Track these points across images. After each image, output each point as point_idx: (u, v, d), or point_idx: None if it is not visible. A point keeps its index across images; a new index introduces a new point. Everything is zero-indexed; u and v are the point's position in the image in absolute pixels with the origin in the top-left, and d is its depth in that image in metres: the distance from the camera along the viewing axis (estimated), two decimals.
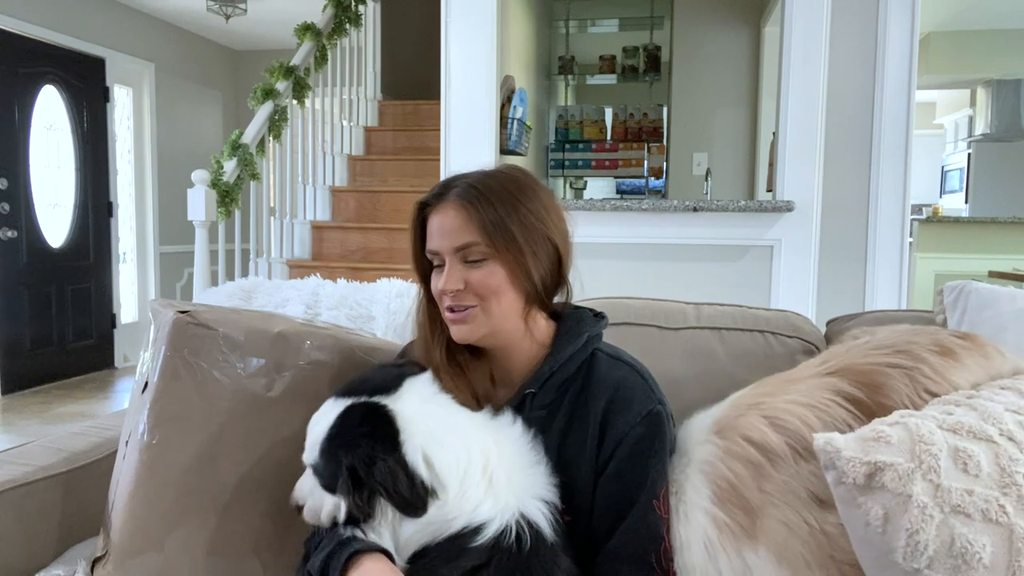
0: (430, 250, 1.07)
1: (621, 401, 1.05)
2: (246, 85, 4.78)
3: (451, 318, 1.06)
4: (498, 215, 1.03)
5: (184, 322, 1.17)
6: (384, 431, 0.94)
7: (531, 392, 1.07)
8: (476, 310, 1.04)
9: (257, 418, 1.18)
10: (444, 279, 1.04)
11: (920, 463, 0.87)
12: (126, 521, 1.15)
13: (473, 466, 0.95)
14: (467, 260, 1.04)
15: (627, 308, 1.54)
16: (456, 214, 1.04)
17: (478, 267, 1.04)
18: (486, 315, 1.05)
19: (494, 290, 1.04)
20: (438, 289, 1.06)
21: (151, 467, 1.14)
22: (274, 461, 1.19)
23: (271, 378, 1.20)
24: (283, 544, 1.19)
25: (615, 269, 2.81)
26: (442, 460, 0.94)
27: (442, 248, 1.05)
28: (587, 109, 5.39)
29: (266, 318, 1.28)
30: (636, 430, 1.03)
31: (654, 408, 1.05)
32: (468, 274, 1.03)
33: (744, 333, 1.49)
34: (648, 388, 1.08)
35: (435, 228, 1.06)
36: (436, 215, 1.07)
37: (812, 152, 2.72)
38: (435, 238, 1.06)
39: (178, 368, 1.16)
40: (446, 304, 1.06)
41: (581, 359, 1.09)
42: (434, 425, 0.97)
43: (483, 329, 1.05)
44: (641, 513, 1.01)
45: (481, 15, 2.85)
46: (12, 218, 4.90)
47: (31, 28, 4.98)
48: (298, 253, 4.32)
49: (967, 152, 6.51)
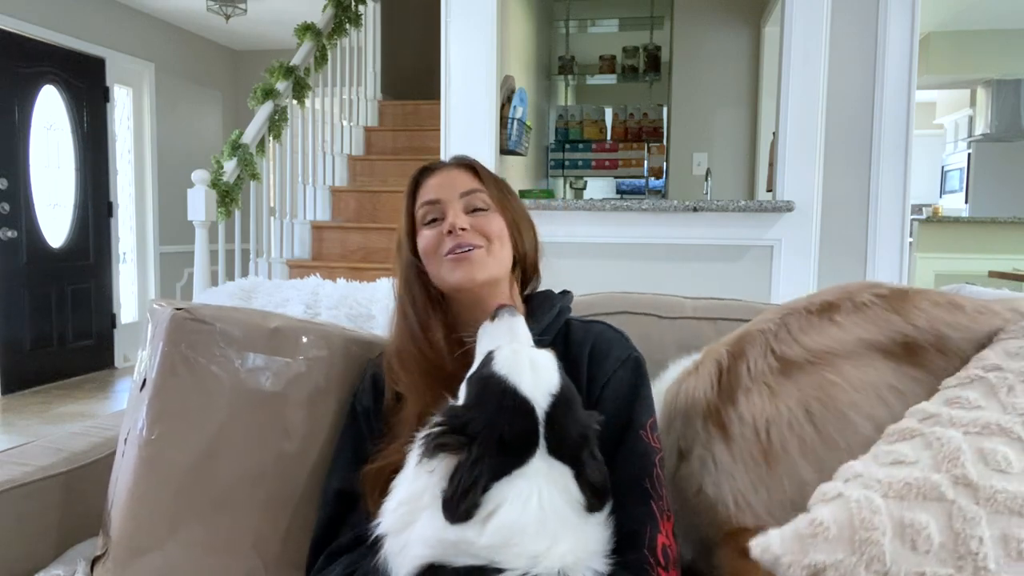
0: (428, 200, 1.11)
1: (601, 351, 1.10)
2: (246, 85, 4.77)
3: (457, 257, 1.07)
4: (497, 181, 1.16)
5: (182, 318, 1.17)
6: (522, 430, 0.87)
7: None
8: (482, 251, 1.08)
9: (256, 413, 1.19)
10: (454, 215, 1.08)
11: (862, 554, 0.80)
12: (126, 518, 1.15)
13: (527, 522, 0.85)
14: (470, 208, 1.10)
15: (625, 299, 1.55)
16: (461, 171, 1.14)
17: (482, 215, 1.10)
18: (491, 257, 1.09)
19: (497, 233, 1.10)
20: (440, 241, 1.08)
21: (150, 463, 1.15)
22: (274, 456, 1.19)
23: (269, 373, 1.20)
24: (284, 539, 1.19)
25: (615, 269, 2.81)
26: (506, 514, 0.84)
27: (446, 195, 1.10)
28: (587, 109, 5.39)
29: (263, 315, 1.28)
30: (618, 373, 1.08)
31: (633, 354, 1.11)
32: (473, 220, 1.09)
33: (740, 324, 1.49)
34: (624, 339, 1.13)
35: (436, 183, 1.13)
36: (438, 175, 1.14)
37: (812, 152, 2.72)
38: (436, 190, 1.12)
39: (176, 364, 1.16)
40: (450, 245, 1.07)
41: (556, 328, 1.14)
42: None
43: (488, 271, 1.08)
44: (631, 443, 1.02)
45: (481, 15, 2.85)
46: (12, 218, 4.90)
47: (31, 28, 4.99)
48: (298, 253, 4.32)
49: (967, 152, 6.51)
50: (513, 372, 0.89)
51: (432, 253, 1.10)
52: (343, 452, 1.17)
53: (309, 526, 1.18)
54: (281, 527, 1.19)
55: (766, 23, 4.42)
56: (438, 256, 1.09)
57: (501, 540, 0.81)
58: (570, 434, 0.87)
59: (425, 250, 1.10)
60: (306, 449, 1.21)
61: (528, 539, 0.82)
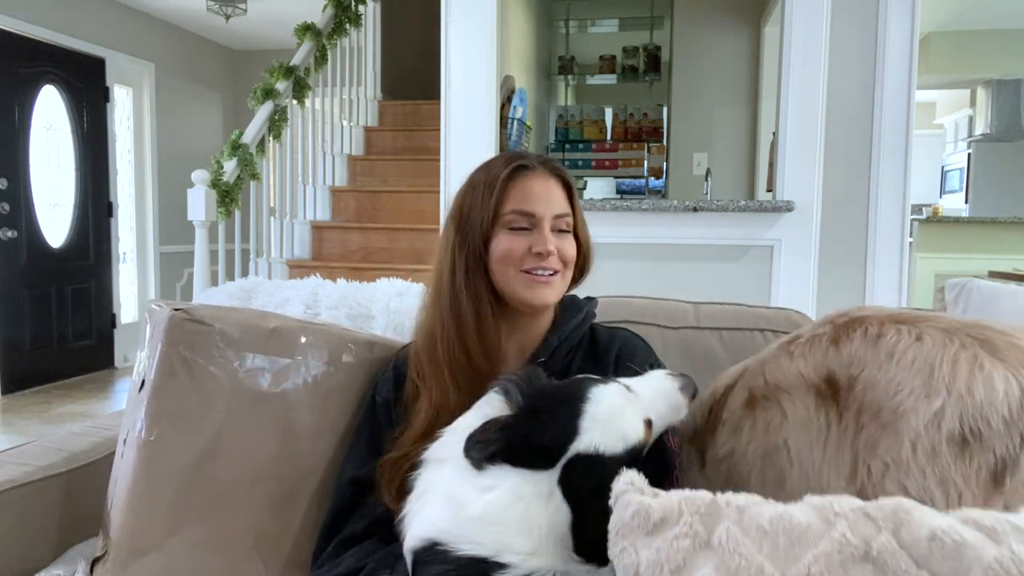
0: (523, 211, 1.09)
1: (628, 354, 1.15)
2: (246, 85, 4.77)
3: (539, 280, 1.09)
4: (577, 197, 1.16)
5: (180, 318, 1.17)
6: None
7: (543, 360, 1.12)
8: (557, 276, 1.11)
9: (255, 413, 1.19)
10: (544, 240, 1.08)
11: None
12: (125, 519, 1.15)
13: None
14: (557, 229, 1.11)
15: (627, 306, 1.54)
16: (557, 185, 1.12)
17: (563, 237, 1.12)
18: (563, 281, 1.13)
19: (571, 261, 1.13)
20: (524, 254, 1.08)
21: (149, 464, 1.15)
22: (273, 456, 1.19)
23: (268, 373, 1.20)
24: (284, 539, 1.19)
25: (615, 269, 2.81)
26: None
27: (543, 212, 1.09)
28: (587, 109, 5.39)
29: (261, 315, 1.28)
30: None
31: (655, 360, 1.15)
32: (557, 242, 1.10)
33: (744, 333, 1.49)
34: (648, 347, 1.19)
35: (535, 191, 1.10)
36: (535, 179, 1.11)
37: (812, 152, 2.72)
38: (535, 201, 1.09)
39: (175, 364, 1.16)
40: (532, 265, 1.08)
41: (583, 331, 1.18)
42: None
43: (557, 294, 1.13)
44: (656, 446, 1.01)
45: (481, 15, 2.85)
46: (12, 218, 4.90)
47: (31, 28, 4.98)
48: (298, 253, 4.32)
49: (967, 152, 6.51)
50: (595, 402, 0.89)
51: (511, 262, 1.09)
52: (359, 441, 1.17)
53: (310, 526, 1.18)
54: (281, 527, 1.19)
55: (766, 23, 4.42)
56: (515, 266, 1.09)
57: (489, 519, 0.84)
58: (587, 483, 0.85)
59: (504, 256, 1.09)
60: (306, 449, 1.21)
61: (511, 534, 0.83)
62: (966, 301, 1.42)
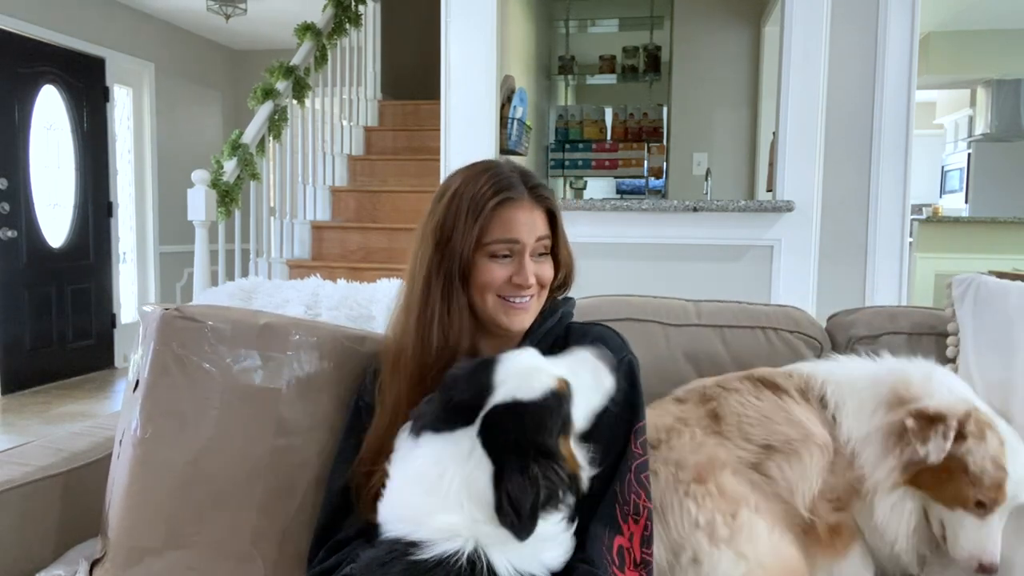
0: (508, 239, 1.09)
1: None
2: (246, 85, 4.77)
3: (517, 306, 1.11)
4: (558, 217, 1.15)
5: (172, 316, 1.19)
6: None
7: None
8: (534, 299, 1.13)
9: (249, 409, 1.19)
10: (526, 272, 1.09)
11: None
12: (123, 518, 1.15)
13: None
14: (536, 254, 1.12)
15: (628, 305, 1.54)
16: (540, 214, 1.12)
17: (541, 260, 1.13)
18: (538, 301, 1.14)
19: (548, 282, 1.14)
20: (505, 282, 1.09)
21: (145, 461, 1.15)
22: (268, 451, 1.19)
23: (261, 369, 1.20)
24: (282, 535, 1.19)
25: (615, 269, 2.80)
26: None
27: (526, 239, 1.10)
28: (587, 109, 5.39)
29: (252, 312, 1.30)
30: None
31: (627, 357, 1.13)
32: (536, 267, 1.12)
33: (745, 330, 1.49)
34: (621, 341, 1.16)
35: (519, 220, 1.09)
36: (521, 210, 1.10)
37: (812, 152, 2.72)
38: (519, 229, 1.09)
39: (168, 362, 1.17)
40: (511, 293, 1.10)
41: (557, 333, 1.18)
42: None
43: (533, 317, 1.14)
44: (620, 451, 1.06)
45: (481, 15, 2.85)
46: (12, 218, 4.90)
47: (31, 28, 4.98)
48: (298, 253, 4.32)
49: (967, 152, 6.51)
50: (508, 360, 0.95)
51: (490, 289, 1.10)
52: (346, 448, 1.17)
53: (307, 521, 1.18)
54: (279, 523, 1.19)
55: (766, 23, 4.42)
56: (494, 293, 1.10)
57: (409, 480, 0.91)
58: (506, 436, 0.89)
59: (485, 283, 1.09)
60: (301, 443, 1.21)
61: (422, 492, 0.88)
62: (973, 297, 1.41)
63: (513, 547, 0.86)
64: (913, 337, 1.47)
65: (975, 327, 1.38)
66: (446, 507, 0.86)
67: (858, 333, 1.51)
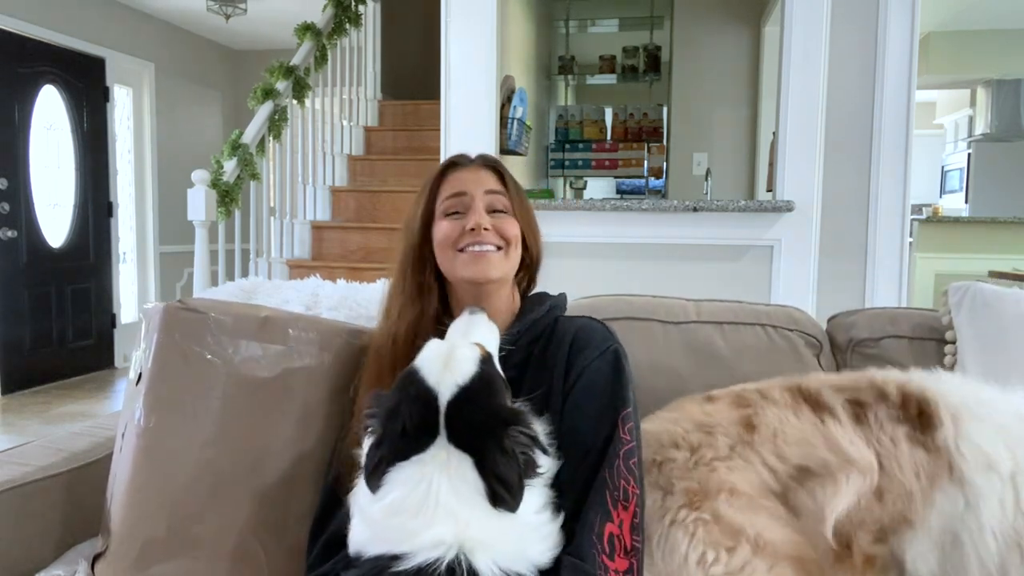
0: (453, 193, 1.14)
1: (582, 340, 1.13)
2: (246, 85, 4.77)
3: (474, 255, 1.12)
4: (516, 184, 1.21)
5: (174, 307, 1.20)
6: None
7: (502, 354, 1.10)
8: (500, 253, 1.13)
9: (251, 399, 1.20)
10: (476, 215, 1.12)
11: None
12: (126, 508, 1.15)
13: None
14: (492, 209, 1.15)
15: (628, 304, 1.55)
16: (487, 172, 1.18)
17: (500, 217, 1.15)
18: (506, 259, 1.14)
19: (513, 239, 1.15)
20: (459, 235, 1.12)
21: (148, 452, 1.15)
22: (269, 442, 1.20)
23: (263, 360, 1.22)
24: (284, 524, 1.20)
25: (615, 269, 2.81)
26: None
27: (472, 189, 1.14)
28: (587, 109, 5.39)
29: (253, 306, 1.31)
30: (595, 363, 1.09)
31: (612, 345, 1.12)
32: (492, 220, 1.14)
33: (745, 327, 1.50)
34: (606, 331, 1.15)
35: (463, 178, 1.16)
36: (464, 171, 1.18)
37: (812, 152, 2.72)
38: (464, 183, 1.15)
39: (171, 353, 1.18)
40: (468, 241, 1.11)
41: (545, 323, 1.18)
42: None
43: (501, 270, 1.14)
44: (607, 437, 1.04)
45: (481, 15, 2.85)
46: (12, 218, 4.90)
47: (31, 28, 4.98)
48: (298, 253, 4.32)
49: (967, 152, 6.51)
50: (426, 363, 0.94)
51: (449, 245, 1.14)
52: (340, 442, 1.19)
53: (307, 512, 1.19)
54: (279, 513, 1.20)
55: (766, 23, 4.42)
56: (454, 249, 1.13)
57: (387, 514, 0.88)
58: (472, 423, 0.90)
59: (443, 240, 1.14)
60: (301, 435, 1.22)
61: (407, 518, 0.87)
62: (970, 304, 1.41)
63: (500, 547, 0.87)
64: (915, 341, 1.47)
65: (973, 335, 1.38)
66: (434, 522, 0.86)
67: (859, 335, 1.51)
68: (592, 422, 1.05)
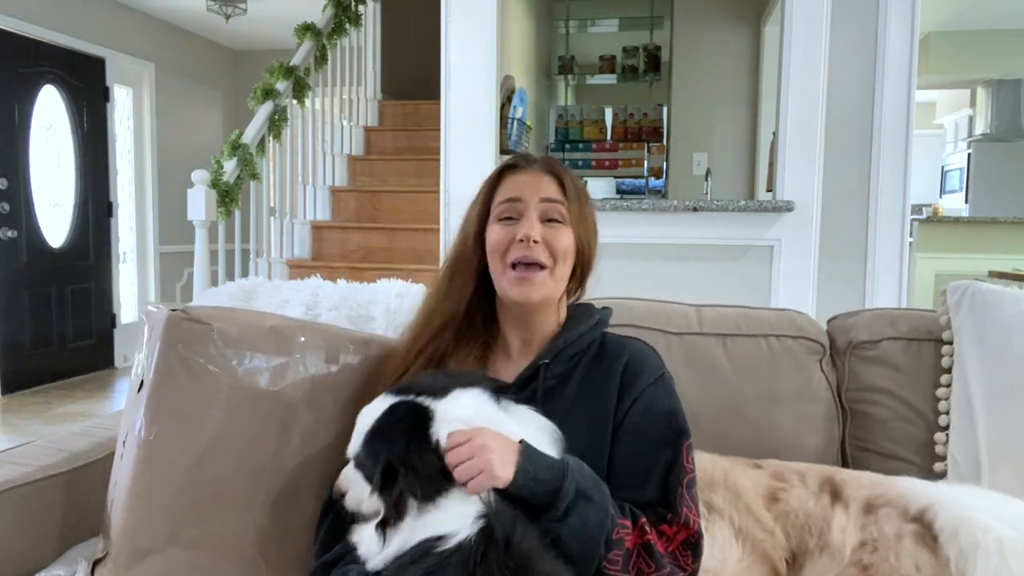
0: (509, 198, 1.11)
1: (636, 364, 1.12)
2: (246, 85, 4.77)
3: (518, 276, 1.09)
4: (578, 190, 1.15)
5: (178, 318, 1.18)
6: (421, 428, 0.97)
7: (545, 363, 1.12)
8: (545, 273, 1.10)
9: (254, 412, 1.19)
10: (528, 224, 1.08)
11: None
12: (126, 518, 1.15)
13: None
14: (547, 218, 1.10)
15: (630, 310, 1.54)
16: (547, 177, 1.13)
17: (554, 227, 1.11)
18: (552, 278, 1.11)
19: (564, 253, 1.11)
20: (510, 244, 1.09)
21: (149, 463, 1.15)
22: (272, 454, 1.19)
23: (267, 372, 1.20)
24: (285, 538, 1.19)
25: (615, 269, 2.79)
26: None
27: (527, 196, 1.10)
28: (587, 109, 5.39)
29: (259, 314, 1.29)
30: (651, 389, 1.10)
31: (664, 372, 1.14)
32: (545, 231, 1.10)
33: (747, 339, 1.49)
34: (657, 357, 1.17)
35: (521, 181, 1.12)
36: (523, 174, 1.14)
37: (812, 152, 2.72)
38: (520, 189, 1.11)
39: (173, 363, 1.16)
40: (517, 255, 1.09)
41: (592, 337, 1.16)
42: (467, 419, 0.98)
43: (544, 292, 1.11)
44: (667, 459, 1.06)
45: (481, 15, 2.85)
46: (12, 218, 4.90)
47: (31, 28, 4.98)
48: (298, 253, 4.32)
49: (967, 152, 6.51)
50: (439, 408, 1.01)
51: (499, 253, 1.11)
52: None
53: (310, 522, 1.18)
54: (281, 526, 1.19)
55: (766, 23, 4.42)
56: (503, 260, 1.11)
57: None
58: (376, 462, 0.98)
59: (493, 247, 1.12)
60: (305, 447, 1.21)
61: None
62: (969, 304, 1.40)
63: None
64: (913, 343, 1.47)
65: (971, 335, 1.38)
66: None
67: (858, 337, 1.50)
68: (652, 446, 1.06)
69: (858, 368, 1.49)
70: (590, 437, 1.08)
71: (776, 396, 1.46)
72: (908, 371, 1.45)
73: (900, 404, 1.45)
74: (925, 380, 1.44)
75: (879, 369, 1.47)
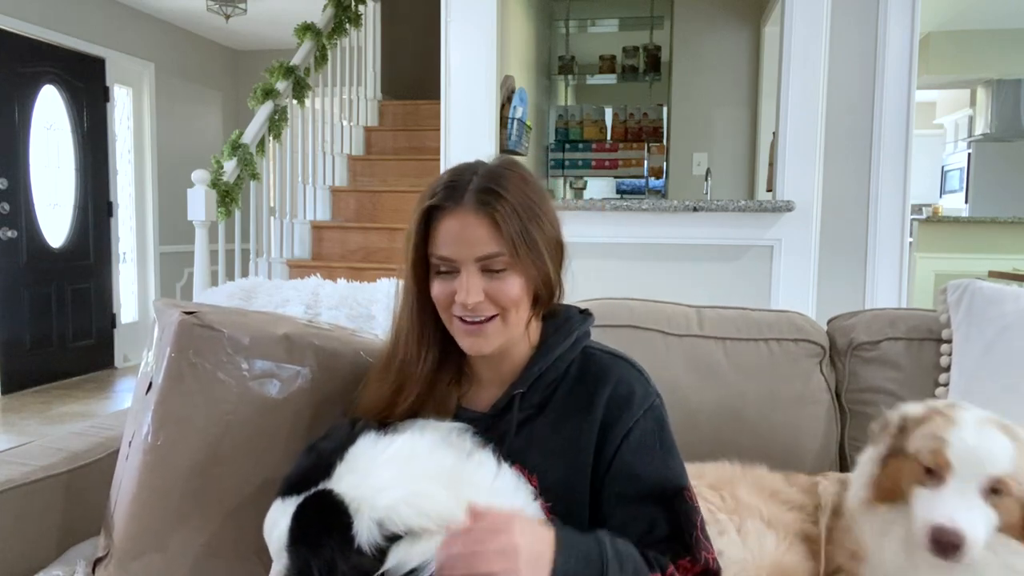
0: (441, 256, 0.98)
1: (621, 397, 1.03)
2: (246, 85, 4.78)
3: (465, 329, 1.00)
4: (522, 223, 0.97)
5: (190, 323, 1.16)
6: (339, 522, 0.90)
7: (521, 392, 1.04)
8: (495, 322, 0.99)
9: (262, 420, 1.18)
10: (466, 291, 0.96)
11: None
12: (128, 522, 1.14)
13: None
14: (487, 270, 0.98)
15: (629, 311, 1.54)
16: (478, 222, 0.96)
17: (498, 277, 0.98)
18: (505, 325, 1.00)
19: (515, 301, 0.99)
20: (452, 300, 0.99)
21: (154, 468, 1.14)
22: (278, 462, 1.18)
23: (277, 380, 1.19)
24: None
25: (615, 269, 2.81)
26: (399, 521, 0.89)
27: (461, 257, 0.97)
28: (587, 109, 5.39)
29: (272, 320, 1.27)
30: (640, 424, 1.02)
31: (655, 401, 1.05)
32: (488, 284, 0.97)
33: (747, 343, 1.49)
34: (645, 381, 1.06)
35: (452, 234, 0.97)
36: (452, 219, 0.97)
37: (812, 152, 2.72)
38: (451, 245, 0.97)
39: (183, 369, 1.16)
40: (458, 314, 0.99)
41: (570, 358, 1.06)
42: (387, 496, 0.90)
43: (499, 340, 1.01)
44: (677, 503, 1.00)
45: (481, 15, 2.85)
46: (12, 218, 4.90)
47: (31, 28, 4.98)
48: (298, 253, 4.32)
49: (967, 152, 6.51)
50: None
51: (443, 307, 1.01)
52: None
53: None
54: None
55: (766, 23, 4.42)
56: (449, 312, 1.01)
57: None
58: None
59: (436, 299, 1.01)
60: None
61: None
62: (969, 303, 1.40)
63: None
64: (913, 343, 1.47)
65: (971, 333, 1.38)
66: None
67: (858, 338, 1.50)
68: (651, 489, 1.00)
69: (858, 369, 1.49)
70: (567, 468, 1.02)
71: (776, 398, 1.46)
72: (908, 371, 1.45)
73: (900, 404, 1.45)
74: (925, 380, 1.44)
75: (879, 370, 1.47)
